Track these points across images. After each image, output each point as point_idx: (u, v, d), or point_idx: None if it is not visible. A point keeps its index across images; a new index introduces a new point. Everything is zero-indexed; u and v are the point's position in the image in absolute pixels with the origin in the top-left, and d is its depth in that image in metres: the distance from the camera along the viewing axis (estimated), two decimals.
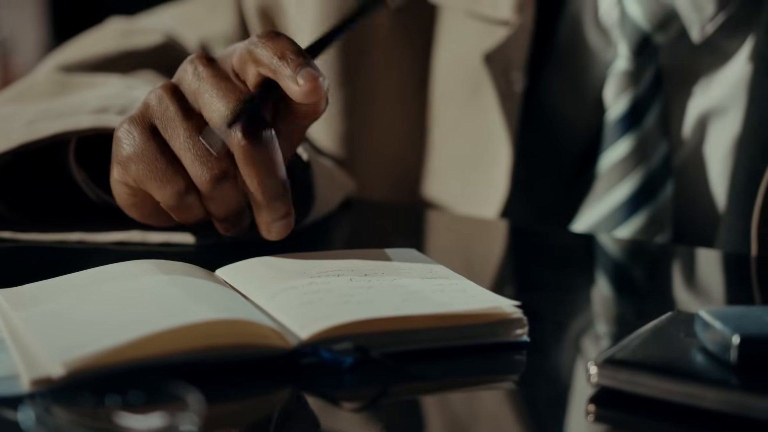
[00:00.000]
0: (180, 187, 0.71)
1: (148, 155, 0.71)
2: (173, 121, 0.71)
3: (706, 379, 0.53)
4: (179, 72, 0.73)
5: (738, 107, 0.95)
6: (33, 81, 0.95)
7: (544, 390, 0.59)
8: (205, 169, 0.70)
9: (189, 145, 0.70)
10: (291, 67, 0.68)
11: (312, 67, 0.69)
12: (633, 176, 0.96)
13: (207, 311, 0.58)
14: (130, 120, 0.72)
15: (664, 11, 0.96)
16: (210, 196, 0.71)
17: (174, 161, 0.71)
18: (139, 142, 0.71)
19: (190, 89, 0.72)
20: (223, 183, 0.70)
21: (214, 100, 0.70)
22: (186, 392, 0.48)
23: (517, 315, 0.61)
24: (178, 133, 0.71)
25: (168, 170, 0.71)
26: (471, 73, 1.02)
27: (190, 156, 0.70)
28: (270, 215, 0.71)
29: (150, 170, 0.71)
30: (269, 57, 0.69)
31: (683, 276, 0.84)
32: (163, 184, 0.71)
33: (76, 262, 0.73)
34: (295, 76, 0.68)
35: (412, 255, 0.72)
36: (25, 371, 0.53)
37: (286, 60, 0.69)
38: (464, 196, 1.03)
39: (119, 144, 0.72)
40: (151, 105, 0.72)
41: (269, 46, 0.70)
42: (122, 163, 0.72)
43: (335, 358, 0.57)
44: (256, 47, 0.70)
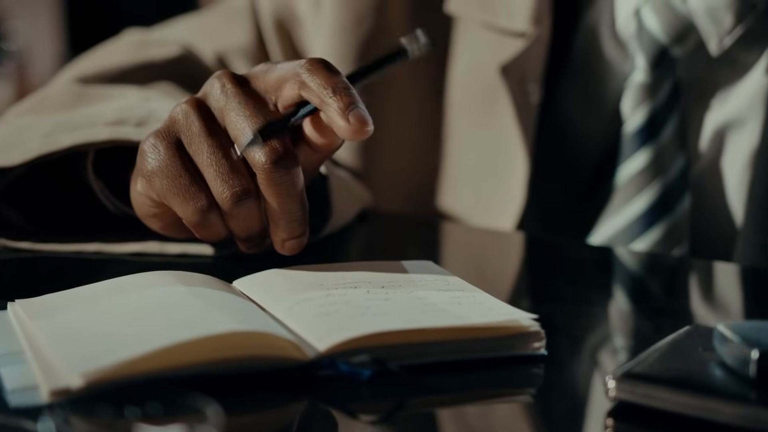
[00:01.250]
0: (202, 204, 0.71)
1: (172, 171, 0.71)
2: (198, 137, 0.71)
3: (725, 394, 0.52)
4: (206, 87, 0.73)
5: (756, 120, 0.95)
6: (50, 92, 0.96)
7: (561, 403, 0.59)
8: (227, 187, 0.70)
9: (212, 161, 0.70)
10: (343, 102, 0.68)
11: (362, 108, 0.69)
12: (650, 189, 0.96)
13: (225, 323, 0.58)
14: (156, 134, 0.72)
15: (681, 24, 0.96)
16: (231, 213, 0.71)
17: (198, 178, 0.71)
18: (165, 157, 0.71)
19: (216, 105, 0.72)
20: (244, 201, 0.70)
21: (240, 119, 0.70)
22: (205, 404, 0.48)
23: (535, 328, 0.61)
24: (202, 150, 0.71)
25: (192, 187, 0.71)
26: (487, 84, 1.02)
27: (212, 173, 0.70)
28: (287, 234, 0.72)
29: (174, 186, 0.71)
30: (320, 86, 0.69)
31: (700, 289, 0.83)
32: (186, 201, 0.71)
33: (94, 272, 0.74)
34: (346, 112, 0.68)
35: (428, 267, 0.72)
36: (44, 382, 0.53)
37: (339, 94, 0.69)
38: (480, 208, 1.03)
39: (144, 157, 0.72)
40: (177, 120, 0.72)
41: (321, 75, 0.70)
42: (146, 177, 0.72)
43: (352, 370, 0.57)
44: (306, 72, 0.70)
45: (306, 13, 1.08)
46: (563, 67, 1.03)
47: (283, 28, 1.09)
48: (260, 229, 0.73)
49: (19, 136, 0.84)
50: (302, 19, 1.09)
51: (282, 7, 1.09)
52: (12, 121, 0.89)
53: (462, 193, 1.05)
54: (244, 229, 0.72)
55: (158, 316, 0.61)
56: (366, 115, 0.69)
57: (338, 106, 0.68)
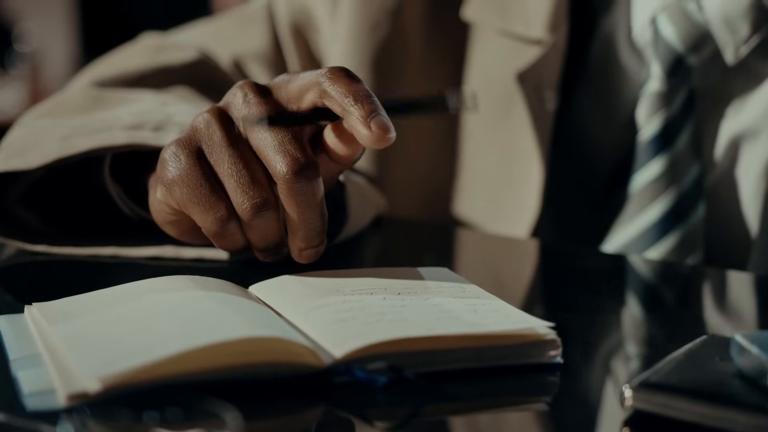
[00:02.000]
0: (222, 214, 0.71)
1: (193, 180, 0.71)
2: (219, 147, 0.71)
3: (742, 404, 0.52)
4: (228, 96, 0.73)
5: None
6: (68, 95, 0.96)
7: (577, 412, 0.58)
8: (247, 198, 0.70)
9: (233, 172, 0.70)
10: (365, 110, 0.68)
11: (384, 116, 0.69)
12: (664, 197, 0.96)
13: (241, 328, 0.58)
14: (178, 142, 0.72)
15: (698, 32, 0.95)
16: (251, 224, 0.71)
17: (218, 188, 0.71)
18: (185, 166, 0.71)
19: (238, 115, 0.72)
20: (264, 212, 0.70)
21: (265, 130, 0.70)
22: (223, 409, 0.48)
23: (551, 336, 0.61)
24: (223, 160, 0.71)
25: (212, 197, 0.71)
26: (503, 91, 1.02)
27: (233, 183, 0.70)
28: (305, 244, 0.72)
29: (194, 195, 0.71)
30: (341, 94, 0.69)
31: (715, 299, 0.83)
32: (206, 210, 0.71)
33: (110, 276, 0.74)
34: (368, 120, 0.68)
35: (444, 274, 0.72)
36: (61, 386, 0.53)
37: (360, 102, 0.69)
38: (495, 215, 1.03)
39: (165, 166, 0.72)
40: (199, 128, 0.72)
41: (344, 84, 0.70)
42: (167, 185, 0.72)
43: (369, 377, 0.57)
44: (328, 81, 0.70)
45: (322, 19, 1.09)
46: (579, 74, 1.03)
47: (300, 33, 1.09)
48: (278, 239, 0.73)
49: (37, 139, 0.84)
50: (318, 24, 1.09)
51: (298, 12, 1.09)
52: (30, 124, 0.89)
53: (477, 200, 1.05)
54: (262, 239, 0.72)
55: (175, 321, 0.61)
56: (388, 122, 0.69)
57: (360, 114, 0.68)
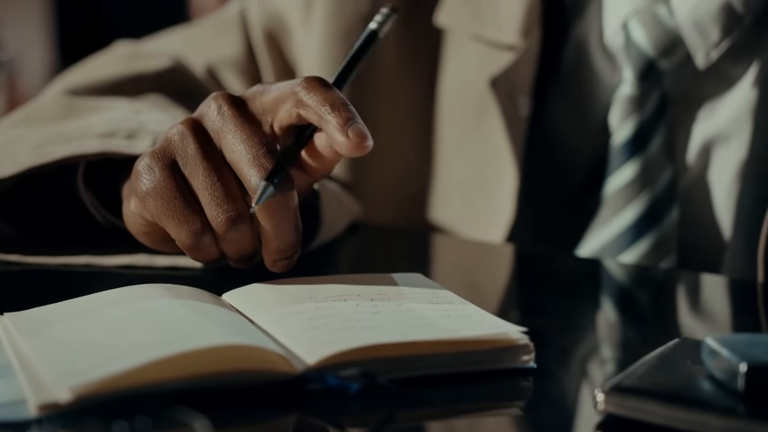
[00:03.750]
0: (196, 227, 0.71)
1: (167, 193, 0.71)
2: (194, 159, 0.71)
3: (713, 407, 0.52)
4: (202, 107, 0.73)
5: (743, 133, 0.95)
6: (40, 104, 0.96)
7: (551, 417, 0.59)
8: (221, 211, 0.70)
9: (207, 185, 0.70)
10: (342, 118, 0.68)
11: (361, 123, 0.69)
12: (638, 201, 0.96)
13: (213, 336, 0.58)
14: (152, 154, 0.72)
15: (669, 37, 0.96)
16: (225, 237, 0.71)
17: (192, 200, 0.71)
18: (159, 179, 0.71)
19: (213, 127, 0.72)
20: (238, 225, 0.70)
21: (237, 143, 0.70)
22: (193, 418, 0.48)
23: (524, 341, 0.61)
24: (198, 172, 0.70)
25: (186, 210, 0.70)
26: (477, 97, 1.02)
27: (207, 196, 0.70)
28: (278, 256, 0.71)
29: (168, 208, 0.71)
30: (318, 103, 0.69)
31: (689, 302, 0.84)
32: (180, 224, 0.71)
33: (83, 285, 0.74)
34: (345, 128, 0.68)
35: (418, 280, 0.72)
36: (32, 396, 0.53)
37: (337, 110, 0.69)
38: (469, 220, 1.03)
39: (139, 178, 0.72)
40: (173, 140, 0.72)
41: (319, 93, 0.69)
42: (141, 198, 0.72)
43: (341, 383, 0.57)
44: (304, 90, 0.70)
45: (296, 25, 1.08)
46: (552, 79, 1.03)
47: (273, 39, 1.09)
48: (252, 250, 0.73)
49: (9, 148, 0.84)
50: (292, 31, 1.09)
51: (272, 19, 1.09)
52: (2, 133, 0.89)
53: (451, 206, 1.05)
54: (236, 251, 0.72)
55: (147, 330, 0.61)
56: (365, 130, 0.69)
57: (337, 122, 0.68)
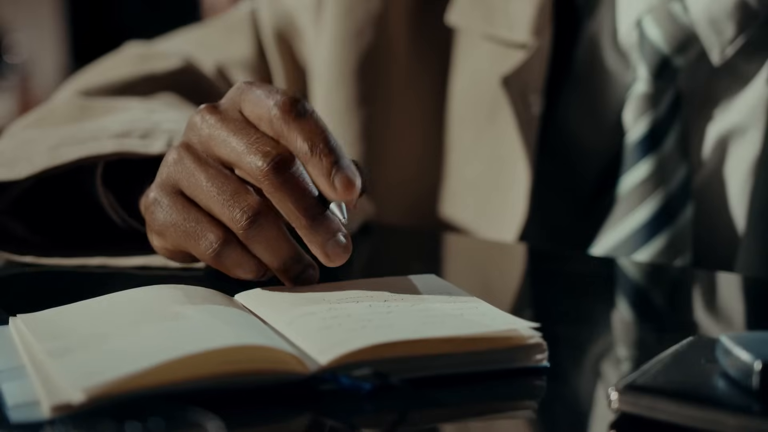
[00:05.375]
0: (211, 240, 0.68)
1: (178, 219, 0.70)
2: (193, 177, 0.69)
3: (728, 406, 0.52)
4: (188, 128, 0.71)
5: (757, 129, 0.95)
6: (54, 106, 0.96)
7: (564, 416, 0.58)
8: (237, 210, 0.67)
9: (213, 193, 0.68)
10: (325, 164, 0.65)
11: (346, 167, 0.65)
12: (652, 199, 0.96)
13: (226, 337, 0.58)
14: (157, 187, 0.71)
15: (683, 34, 0.95)
16: (249, 237, 0.67)
17: (205, 217, 0.69)
18: (168, 209, 0.70)
19: (202, 140, 0.70)
20: (259, 219, 0.67)
21: (229, 139, 0.68)
22: (205, 419, 0.48)
23: (537, 340, 0.61)
24: (201, 185, 0.69)
25: (198, 228, 0.69)
26: (488, 96, 1.02)
27: (217, 204, 0.68)
28: (320, 235, 0.67)
29: (184, 233, 0.69)
30: (298, 143, 0.66)
31: (703, 300, 0.83)
32: (197, 243, 0.69)
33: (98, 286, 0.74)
34: (331, 177, 0.65)
35: (432, 281, 0.71)
36: (45, 397, 0.53)
37: (319, 155, 0.65)
38: (482, 220, 1.03)
39: (151, 213, 0.71)
40: (170, 169, 0.71)
41: (296, 129, 0.66)
42: (158, 232, 0.71)
43: (354, 383, 0.57)
44: (280, 122, 0.67)
45: (307, 26, 1.08)
46: (565, 78, 1.03)
47: (284, 40, 1.09)
48: (291, 250, 0.69)
49: (25, 150, 0.84)
50: (303, 31, 1.09)
51: (282, 20, 1.09)
52: (17, 135, 0.89)
53: (464, 205, 1.05)
54: (272, 252, 0.68)
55: (160, 331, 0.60)
56: (350, 173, 0.65)
57: (321, 171, 0.65)
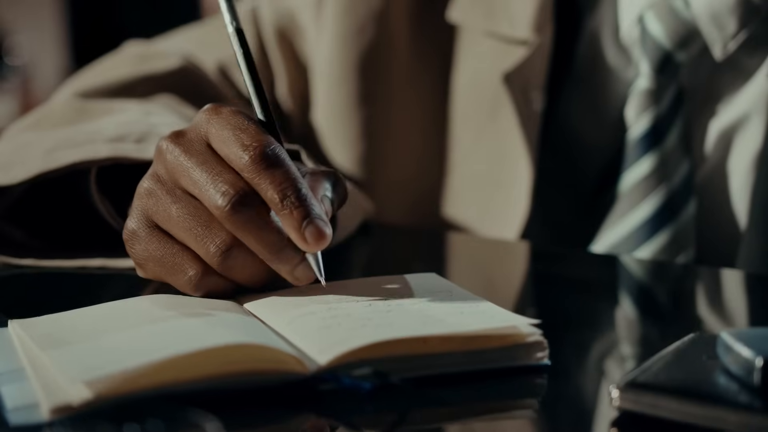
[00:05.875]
0: (191, 274, 0.68)
1: (156, 254, 0.69)
2: (165, 213, 0.69)
3: (729, 402, 0.52)
4: (156, 155, 0.71)
5: (759, 124, 0.95)
6: (51, 107, 0.96)
7: (566, 414, 0.58)
8: (210, 244, 0.67)
9: (186, 226, 0.68)
10: (296, 216, 0.65)
11: (316, 218, 0.66)
12: (655, 195, 0.95)
13: (225, 337, 0.58)
14: (134, 217, 0.71)
15: (685, 29, 0.95)
16: (226, 270, 0.68)
17: (182, 250, 0.69)
18: (145, 243, 0.70)
19: (168, 169, 0.69)
20: (232, 251, 0.67)
21: (193, 172, 0.68)
22: (204, 420, 0.48)
23: (537, 338, 0.60)
24: (173, 219, 0.68)
25: (176, 260, 0.69)
26: (490, 93, 1.02)
27: (191, 237, 0.68)
28: (285, 266, 0.68)
29: (163, 268, 0.69)
30: (269, 194, 0.66)
31: (706, 297, 0.83)
32: (177, 277, 0.69)
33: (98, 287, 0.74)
34: (302, 230, 0.65)
35: (432, 279, 0.71)
36: (44, 399, 0.53)
37: (290, 208, 0.66)
38: (484, 217, 1.03)
39: (130, 247, 0.71)
40: (144, 199, 0.70)
41: (267, 179, 0.66)
42: (140, 265, 0.71)
43: (354, 383, 0.57)
44: (251, 172, 0.66)
45: (308, 23, 1.08)
46: (566, 74, 1.03)
47: (285, 37, 1.09)
48: (262, 272, 0.69)
49: (21, 154, 0.83)
50: (304, 29, 1.09)
51: (283, 17, 1.09)
52: (14, 138, 0.89)
53: (466, 203, 1.05)
54: (250, 278, 0.69)
55: (160, 331, 0.60)
56: (321, 225, 0.66)
57: (291, 225, 0.66)
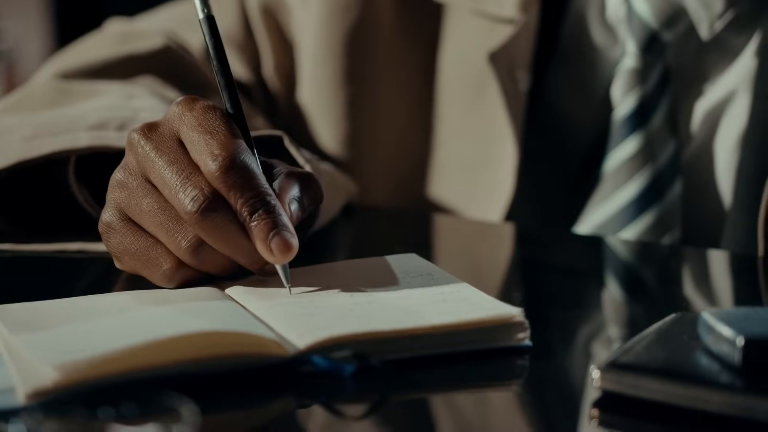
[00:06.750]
0: (166, 268, 0.68)
1: (131, 248, 0.69)
2: (138, 205, 0.69)
3: (711, 382, 0.52)
4: (127, 147, 0.70)
5: (744, 103, 0.94)
6: (31, 89, 0.95)
7: (547, 395, 0.58)
8: (180, 239, 0.67)
9: (157, 221, 0.68)
10: (262, 228, 0.65)
11: (283, 229, 0.65)
12: (640, 176, 0.95)
13: (204, 321, 0.57)
14: (108, 208, 0.70)
15: (672, 8, 0.95)
16: (198, 263, 0.68)
17: (155, 243, 0.69)
18: (119, 236, 0.70)
19: (139, 162, 0.69)
20: (203, 246, 0.67)
21: (163, 171, 0.67)
22: (180, 404, 0.47)
23: (518, 319, 0.60)
24: (144, 212, 0.68)
25: (150, 254, 0.69)
26: (476, 72, 1.01)
27: (161, 232, 0.68)
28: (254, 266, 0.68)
29: (138, 262, 0.69)
30: (237, 205, 0.66)
31: (691, 278, 0.83)
32: (152, 271, 0.69)
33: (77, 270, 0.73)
34: (268, 241, 0.65)
35: (413, 261, 0.70)
36: (21, 384, 0.52)
37: (257, 219, 0.65)
38: (469, 197, 1.02)
39: (106, 239, 0.71)
40: (116, 192, 0.70)
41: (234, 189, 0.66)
42: (117, 257, 0.71)
43: (334, 365, 0.56)
44: (218, 181, 0.66)
45: (294, 1, 1.07)
46: (552, 53, 1.02)
47: (271, 15, 1.08)
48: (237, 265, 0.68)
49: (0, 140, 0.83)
50: (290, 7, 1.08)
51: None
52: None
53: (451, 183, 1.04)
54: (222, 270, 0.69)
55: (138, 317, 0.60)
56: (288, 236, 0.65)
57: (258, 236, 0.65)
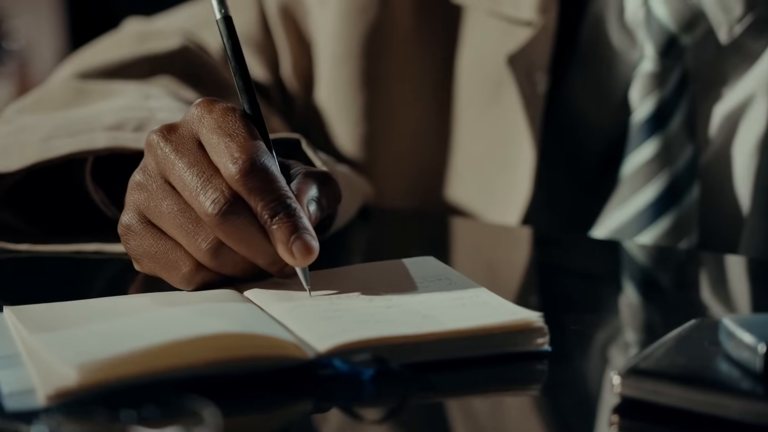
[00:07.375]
0: (185, 271, 0.68)
1: (150, 251, 0.69)
2: (156, 209, 0.68)
3: (731, 389, 0.52)
4: (146, 148, 0.70)
5: (763, 106, 0.94)
6: (50, 88, 0.95)
7: (567, 400, 0.58)
8: (200, 241, 0.67)
9: (177, 223, 0.67)
10: (284, 231, 0.65)
11: (304, 232, 0.65)
12: (658, 179, 0.95)
13: (224, 323, 0.58)
14: (128, 210, 0.70)
15: (691, 12, 0.94)
16: (217, 266, 0.68)
17: (174, 245, 0.69)
18: (139, 239, 0.70)
19: (158, 164, 0.69)
20: (222, 248, 0.67)
21: (184, 174, 0.67)
22: (201, 406, 0.47)
23: (538, 324, 0.60)
24: (163, 215, 0.68)
25: (170, 256, 0.69)
26: (494, 74, 1.01)
27: (181, 234, 0.68)
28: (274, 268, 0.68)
29: (157, 264, 0.69)
30: (258, 208, 0.66)
31: (708, 283, 0.83)
32: (171, 274, 0.69)
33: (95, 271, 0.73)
34: (289, 244, 0.65)
35: (431, 264, 0.70)
36: (40, 385, 0.52)
37: (278, 223, 0.65)
38: (486, 200, 1.02)
39: (125, 241, 0.71)
40: (135, 193, 0.70)
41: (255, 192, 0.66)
42: (136, 259, 0.71)
43: (354, 369, 0.56)
44: (238, 184, 0.66)
45: (312, 1, 1.07)
46: (570, 56, 1.02)
47: (289, 15, 1.08)
48: (256, 267, 0.68)
49: (18, 139, 0.83)
50: (308, 7, 1.08)
51: None
52: (12, 121, 0.88)
53: (468, 185, 1.04)
54: (242, 272, 0.69)
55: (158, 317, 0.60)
56: (308, 239, 0.65)
57: (280, 239, 0.65)
